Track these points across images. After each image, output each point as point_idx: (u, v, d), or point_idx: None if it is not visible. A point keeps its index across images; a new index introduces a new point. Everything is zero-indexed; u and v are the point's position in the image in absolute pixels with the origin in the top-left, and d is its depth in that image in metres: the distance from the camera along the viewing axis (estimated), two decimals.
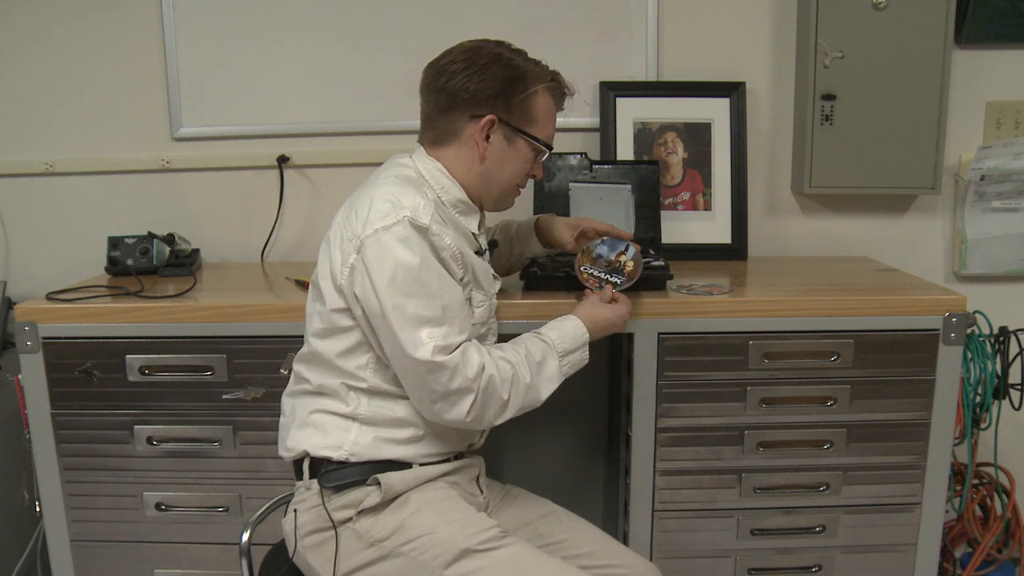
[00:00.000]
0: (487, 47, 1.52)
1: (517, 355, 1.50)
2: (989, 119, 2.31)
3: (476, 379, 1.42)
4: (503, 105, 1.50)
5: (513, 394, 1.47)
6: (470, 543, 1.42)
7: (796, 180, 2.31)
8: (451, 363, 1.40)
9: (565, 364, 1.55)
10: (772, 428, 1.86)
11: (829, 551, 1.92)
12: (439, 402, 1.43)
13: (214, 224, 2.36)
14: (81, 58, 2.29)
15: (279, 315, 1.83)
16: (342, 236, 1.46)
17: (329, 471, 1.48)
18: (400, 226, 1.40)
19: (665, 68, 2.30)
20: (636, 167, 2.17)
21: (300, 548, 1.50)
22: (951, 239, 2.38)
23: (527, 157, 1.56)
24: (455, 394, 1.42)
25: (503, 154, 1.53)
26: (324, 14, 2.27)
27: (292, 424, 1.54)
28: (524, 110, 1.52)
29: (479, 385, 1.43)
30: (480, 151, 1.52)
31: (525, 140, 1.54)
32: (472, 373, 1.42)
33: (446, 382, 1.41)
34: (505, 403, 1.47)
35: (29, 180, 2.35)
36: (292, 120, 2.32)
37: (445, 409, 1.44)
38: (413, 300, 1.40)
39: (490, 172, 1.54)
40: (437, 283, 1.42)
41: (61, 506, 1.90)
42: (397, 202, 1.42)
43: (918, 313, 1.82)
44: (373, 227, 1.41)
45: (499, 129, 1.51)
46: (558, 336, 1.56)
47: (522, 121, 1.52)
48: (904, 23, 2.14)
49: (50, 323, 1.83)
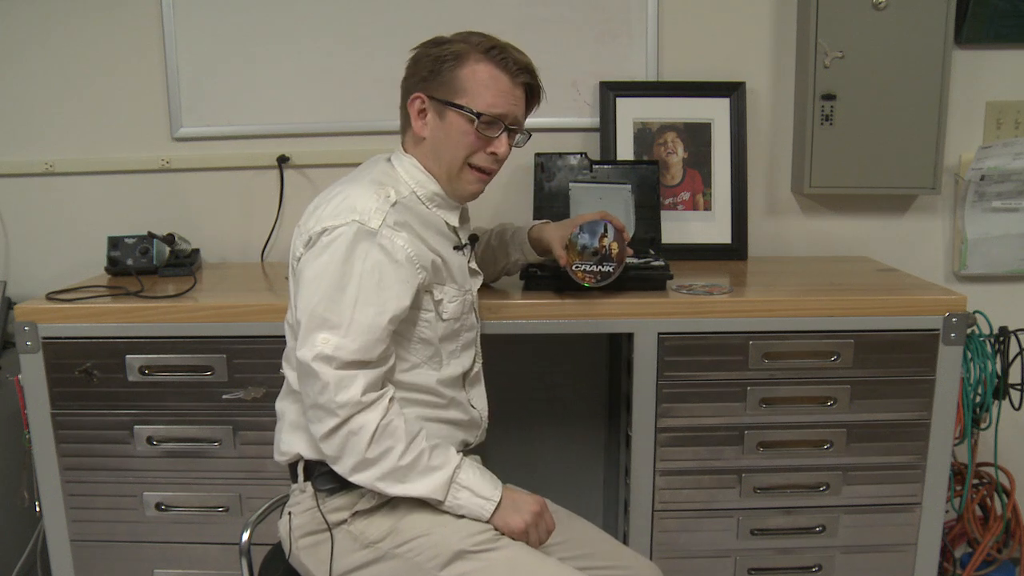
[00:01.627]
0: (434, 37, 1.56)
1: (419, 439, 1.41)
2: (989, 119, 2.31)
3: (344, 408, 1.35)
4: (431, 83, 1.51)
5: (379, 457, 1.38)
6: (465, 544, 1.42)
7: (796, 180, 2.31)
8: (326, 376, 1.36)
9: (452, 500, 1.42)
10: (772, 428, 1.86)
11: (829, 551, 1.92)
12: (308, 410, 1.41)
13: (214, 224, 2.36)
14: (81, 58, 2.29)
15: (279, 315, 1.81)
16: (298, 231, 1.48)
17: (323, 473, 1.47)
18: (345, 227, 1.40)
19: (665, 68, 2.30)
20: (636, 167, 2.17)
21: (295, 550, 1.50)
22: (951, 239, 2.38)
23: (463, 129, 1.50)
24: (319, 409, 1.38)
25: (438, 129, 1.51)
26: (324, 14, 2.27)
27: (283, 427, 1.54)
28: (450, 82, 1.50)
29: (345, 416, 1.36)
30: (416, 130, 1.53)
31: (454, 111, 1.49)
32: (343, 399, 1.35)
33: (314, 394, 1.37)
34: (364, 459, 1.37)
35: (29, 180, 2.35)
36: (292, 120, 2.32)
37: (311, 420, 1.40)
38: (324, 302, 1.38)
39: (435, 151, 1.53)
40: (355, 296, 1.39)
41: (61, 506, 1.90)
42: (351, 205, 1.42)
43: (918, 313, 1.82)
44: (322, 224, 1.42)
45: (430, 106, 1.51)
46: (474, 475, 1.45)
47: (449, 93, 1.50)
48: (904, 23, 2.14)
49: (50, 323, 1.83)
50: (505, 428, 1.77)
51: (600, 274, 1.73)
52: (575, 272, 1.73)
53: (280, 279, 2.13)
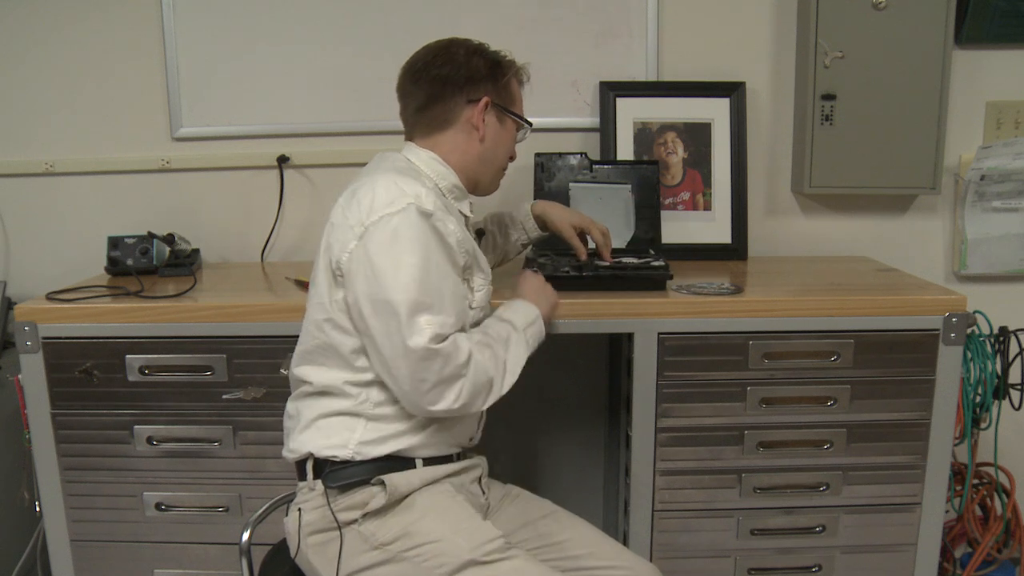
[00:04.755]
0: (458, 41, 1.62)
1: (488, 337, 1.52)
2: (989, 119, 2.31)
3: (465, 365, 1.44)
4: (492, 88, 1.60)
5: (500, 377, 1.50)
6: (475, 554, 1.42)
7: (796, 180, 2.31)
8: (444, 351, 1.41)
9: (530, 337, 1.59)
10: (772, 428, 1.86)
11: (829, 551, 1.92)
12: (430, 391, 1.43)
13: (214, 224, 2.36)
14: (81, 58, 2.29)
15: (279, 315, 1.83)
16: (343, 225, 1.46)
17: (334, 471, 1.47)
18: (406, 212, 1.42)
19: (665, 68, 2.31)
20: (636, 167, 2.17)
21: (303, 547, 1.49)
22: (951, 239, 2.38)
23: (513, 136, 1.67)
24: (446, 381, 1.42)
25: (497, 134, 1.62)
26: (324, 14, 2.27)
27: (297, 427, 1.54)
28: (506, 88, 1.62)
29: (468, 371, 1.44)
30: (480, 133, 1.60)
31: (512, 119, 1.64)
32: (462, 359, 1.43)
33: (438, 370, 1.41)
34: (491, 384, 1.48)
35: (29, 180, 2.35)
36: (292, 120, 2.32)
37: (434, 398, 1.43)
38: (414, 286, 1.41)
39: (487, 153, 1.62)
40: (437, 271, 1.44)
41: (61, 506, 1.91)
42: (401, 190, 1.45)
43: (918, 313, 1.82)
44: (379, 213, 1.43)
45: (492, 110, 1.60)
46: (512, 314, 1.60)
47: (507, 101, 1.63)
48: (904, 23, 2.14)
49: (50, 323, 1.83)
50: (505, 428, 1.77)
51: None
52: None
53: (280, 279, 2.13)
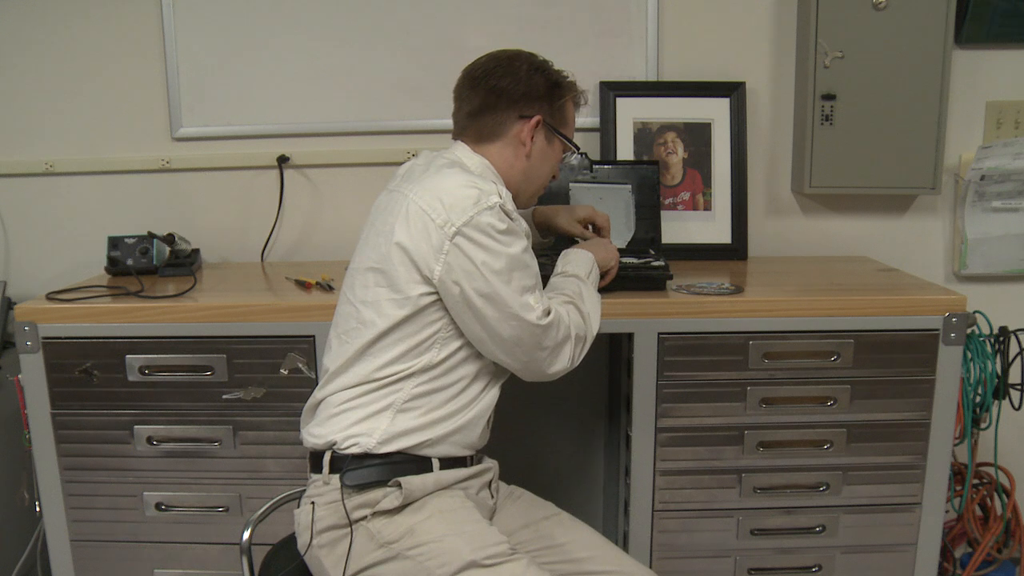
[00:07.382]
0: (524, 55, 1.64)
1: (567, 295, 1.61)
2: (989, 119, 2.31)
3: (568, 328, 1.55)
4: (547, 108, 1.62)
5: (588, 327, 1.60)
6: (477, 556, 1.42)
7: (796, 180, 2.31)
8: (555, 319, 1.52)
9: (593, 281, 1.69)
10: (772, 428, 1.86)
11: (829, 551, 1.92)
12: (549, 357, 1.53)
13: (214, 224, 2.36)
14: (81, 58, 2.29)
15: (279, 315, 1.83)
16: (426, 225, 1.47)
17: (351, 469, 1.47)
18: (494, 209, 1.47)
19: (665, 68, 2.31)
20: (636, 167, 2.17)
21: (314, 544, 1.48)
22: (951, 239, 2.38)
23: (559, 157, 1.69)
24: (561, 344, 1.54)
25: (543, 153, 1.65)
26: (324, 14, 2.27)
27: (320, 417, 1.53)
28: (561, 114, 1.64)
29: (572, 332, 1.55)
30: (527, 149, 1.62)
31: (561, 141, 1.66)
32: (565, 323, 1.55)
33: (553, 337, 1.52)
34: (585, 337, 1.59)
35: (29, 180, 2.35)
36: (292, 120, 2.32)
37: (552, 362, 1.54)
38: (517, 273, 1.48)
39: (531, 170, 1.65)
40: (528, 255, 1.52)
41: (61, 506, 1.91)
42: (480, 188, 1.48)
43: (918, 313, 1.82)
44: (468, 213, 1.46)
45: (542, 129, 1.62)
46: (574, 267, 1.69)
47: (559, 123, 1.64)
48: (904, 23, 2.14)
49: (50, 323, 1.83)
50: (505, 428, 1.77)
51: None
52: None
53: (280, 279, 2.13)
